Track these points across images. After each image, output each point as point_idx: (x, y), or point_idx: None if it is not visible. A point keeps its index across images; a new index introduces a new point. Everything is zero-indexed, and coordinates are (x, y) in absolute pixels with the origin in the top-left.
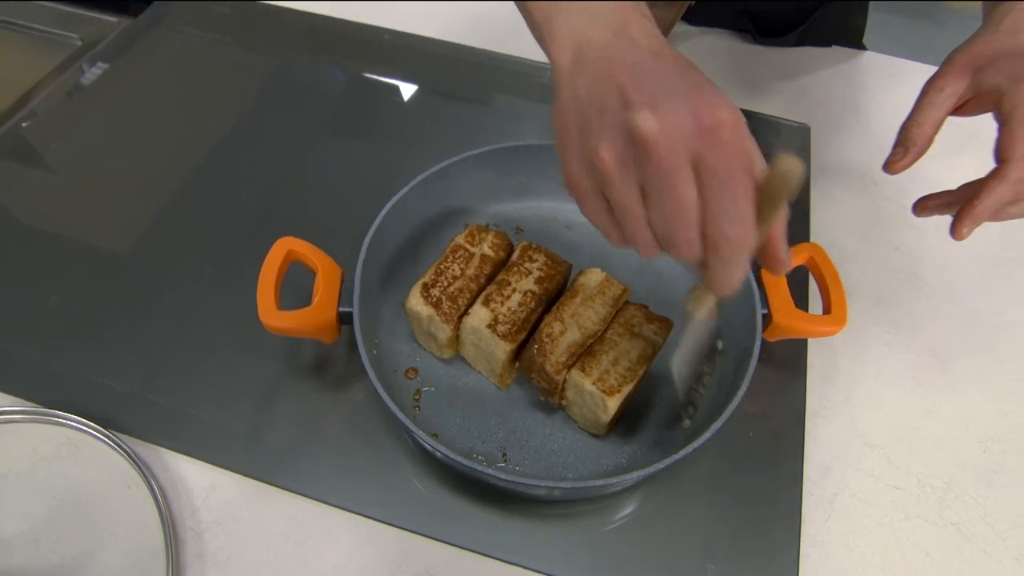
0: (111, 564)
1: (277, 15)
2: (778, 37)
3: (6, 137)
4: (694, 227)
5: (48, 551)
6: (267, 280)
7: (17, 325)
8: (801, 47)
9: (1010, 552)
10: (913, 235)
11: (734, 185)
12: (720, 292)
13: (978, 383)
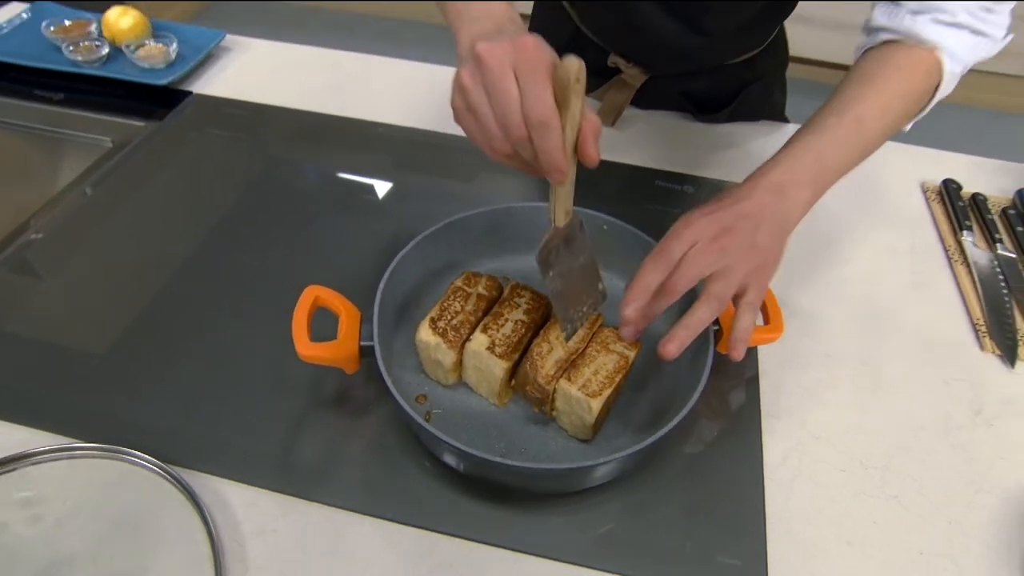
0: (165, 573)
1: (281, 115)
2: (713, 114)
3: (50, 223)
4: (517, 112)
5: (105, 567)
6: (300, 319)
7: (78, 377)
8: (733, 123)
9: (943, 516)
10: (838, 269)
11: (535, 76)
12: (550, 174)
13: (902, 383)
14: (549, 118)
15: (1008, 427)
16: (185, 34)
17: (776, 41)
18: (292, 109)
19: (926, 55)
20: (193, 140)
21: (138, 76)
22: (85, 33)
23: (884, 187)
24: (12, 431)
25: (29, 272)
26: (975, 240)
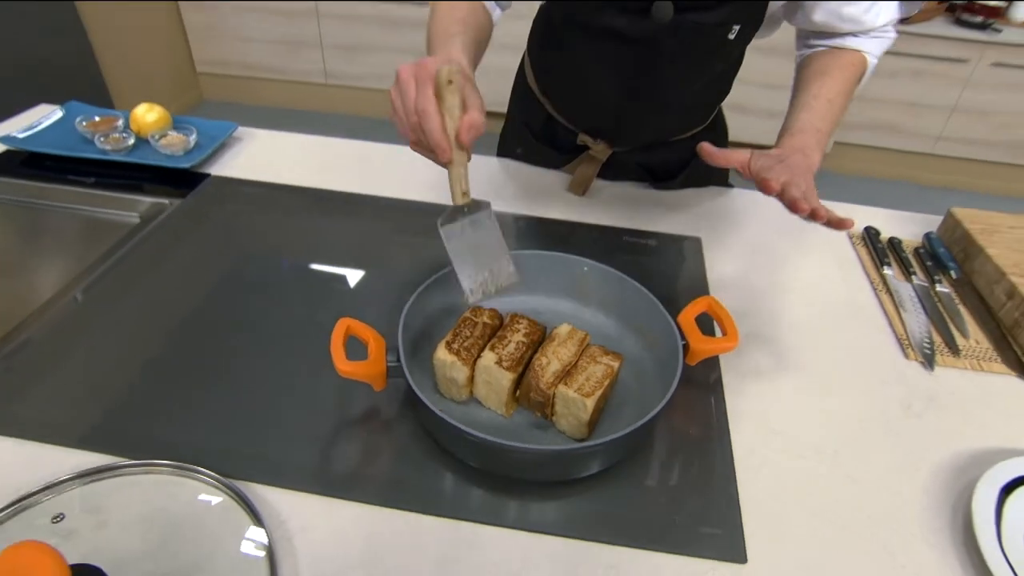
0: (222, 568)
1: (290, 190)
2: (667, 182)
3: (93, 282)
4: (411, 106)
5: (165, 564)
6: (337, 343)
7: (140, 407)
8: (686, 188)
9: (886, 488)
10: (784, 297)
11: (423, 81)
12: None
13: (844, 387)
14: (428, 108)
15: (932, 418)
16: (202, 126)
17: (716, 122)
18: (299, 186)
19: (858, 56)
20: (215, 213)
21: (163, 161)
22: (113, 127)
23: (819, 234)
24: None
25: (80, 322)
26: (894, 274)
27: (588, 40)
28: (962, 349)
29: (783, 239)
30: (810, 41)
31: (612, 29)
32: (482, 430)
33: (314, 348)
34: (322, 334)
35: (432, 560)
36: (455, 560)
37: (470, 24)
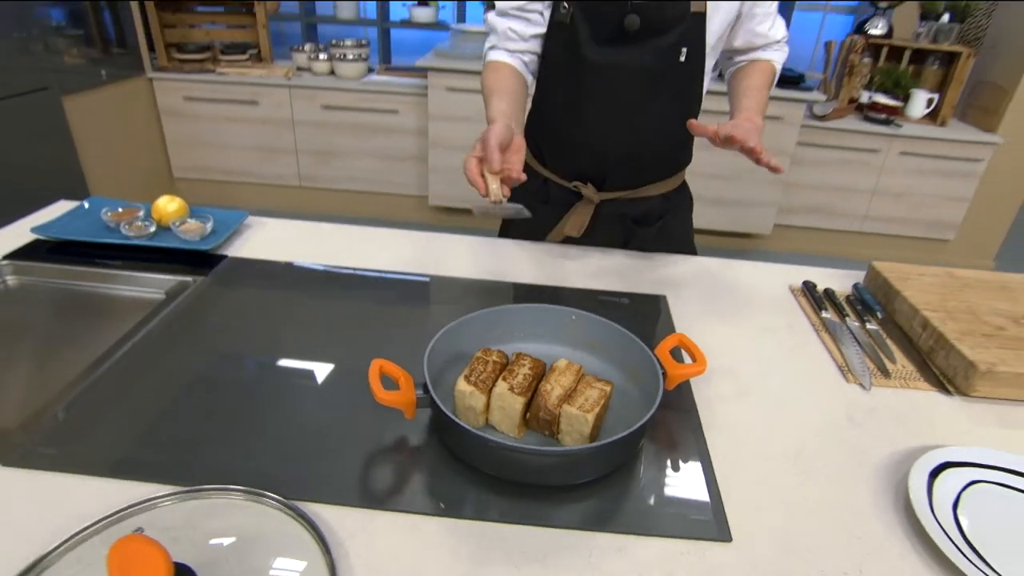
0: (292, 568)
1: (300, 269)
2: (647, 227)
3: (135, 344)
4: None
5: (239, 570)
6: (374, 378)
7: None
8: (656, 254)
9: (839, 481)
10: (743, 337)
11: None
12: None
13: (798, 406)
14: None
15: (872, 426)
16: (216, 215)
17: (682, 189)
18: (306, 264)
19: (768, 63)
20: (236, 286)
21: (185, 244)
22: (135, 216)
23: (766, 289)
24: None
25: (130, 376)
26: (831, 316)
27: (574, 80)
28: (891, 372)
29: (735, 295)
30: (735, 59)
31: (593, 62)
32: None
33: (348, 390)
34: (353, 377)
35: (466, 556)
36: (487, 554)
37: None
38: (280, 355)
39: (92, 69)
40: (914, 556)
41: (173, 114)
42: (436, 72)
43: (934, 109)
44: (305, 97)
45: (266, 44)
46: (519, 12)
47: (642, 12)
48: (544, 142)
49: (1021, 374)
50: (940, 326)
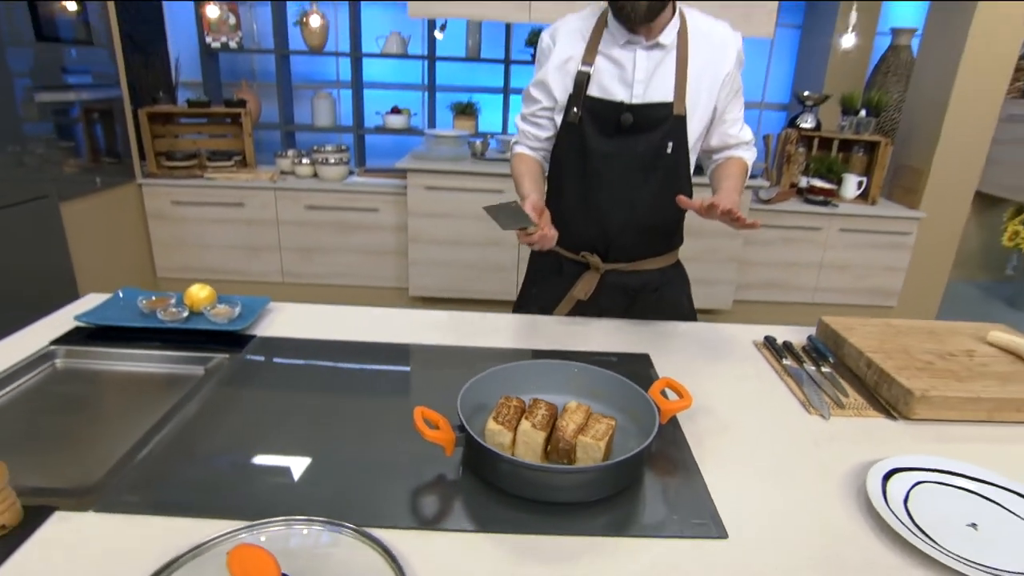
0: None
1: (325, 343)
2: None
3: (190, 411)
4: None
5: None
6: (419, 420)
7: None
8: (638, 321)
9: (808, 488)
10: (714, 387)
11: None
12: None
13: (770, 434)
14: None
15: (834, 447)
16: (243, 300)
17: (677, 266)
18: (326, 339)
19: (741, 161)
20: (268, 360)
21: (218, 327)
22: (168, 304)
23: (735, 345)
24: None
25: (195, 432)
26: (791, 363)
27: (582, 167)
28: (845, 404)
29: (709, 351)
30: (713, 157)
31: (597, 151)
32: None
33: (391, 435)
34: (392, 428)
35: (508, 562)
36: (526, 559)
37: (537, 171)
38: (321, 411)
39: (87, 177)
40: (876, 542)
41: (160, 217)
42: (415, 172)
43: (864, 190)
44: (290, 198)
45: (251, 151)
46: (535, 119)
47: (635, 112)
48: (557, 221)
49: (949, 397)
50: (882, 364)
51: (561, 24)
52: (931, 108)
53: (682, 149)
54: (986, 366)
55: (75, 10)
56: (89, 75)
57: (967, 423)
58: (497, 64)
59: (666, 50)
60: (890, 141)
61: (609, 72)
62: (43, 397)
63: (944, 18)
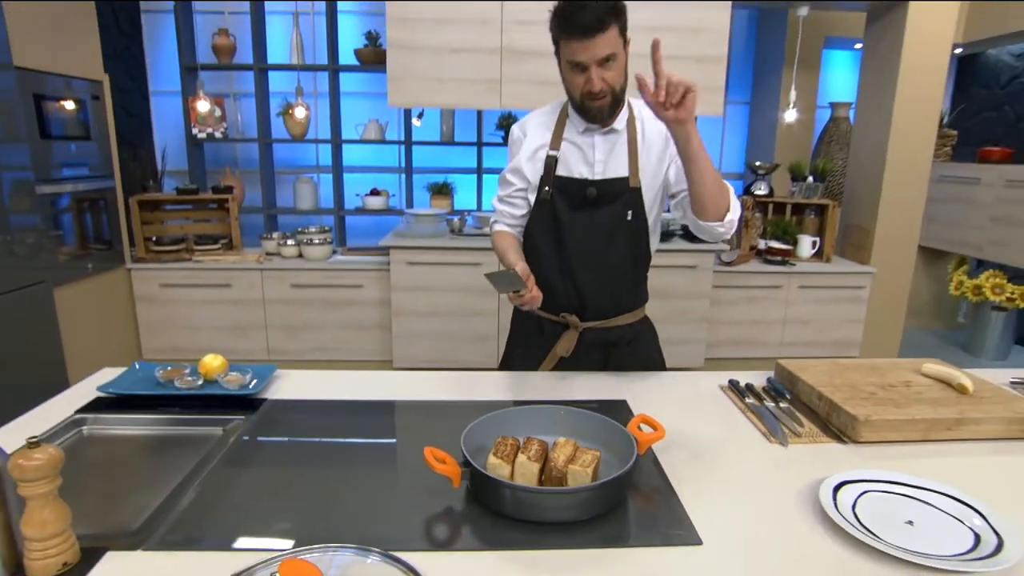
0: None
1: (330, 403)
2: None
3: (220, 460)
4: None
5: None
6: (429, 458)
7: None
8: (616, 372)
9: (774, 502)
10: (686, 425)
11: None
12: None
13: (738, 463)
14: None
15: (792, 469)
16: (253, 368)
17: (645, 320)
18: (336, 400)
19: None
20: (281, 418)
21: (232, 392)
22: (182, 373)
23: (702, 389)
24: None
25: (225, 480)
26: (753, 401)
27: (555, 237)
28: (801, 433)
29: (680, 395)
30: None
31: (567, 222)
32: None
33: (403, 475)
34: (404, 469)
35: (513, 573)
36: (528, 571)
37: (517, 244)
38: (336, 458)
39: (79, 263)
40: (829, 541)
41: (148, 300)
42: (397, 249)
43: (818, 249)
44: (276, 278)
45: (237, 234)
46: (511, 200)
47: (598, 186)
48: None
49: (889, 420)
50: (831, 396)
51: (529, 119)
52: (870, 173)
53: (640, 216)
54: (920, 393)
55: (73, 108)
56: (86, 167)
57: (906, 443)
58: (470, 147)
59: (619, 133)
60: (838, 203)
61: (573, 155)
62: (75, 459)
63: (873, 93)
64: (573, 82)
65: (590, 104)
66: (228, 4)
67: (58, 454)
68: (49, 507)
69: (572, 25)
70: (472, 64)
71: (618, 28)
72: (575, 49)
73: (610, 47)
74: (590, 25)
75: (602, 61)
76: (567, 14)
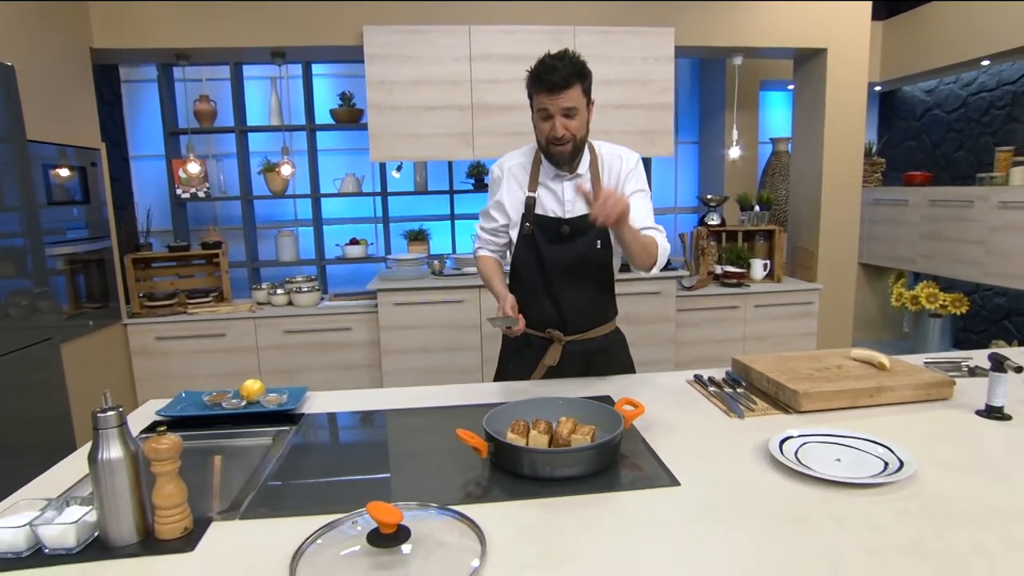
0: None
1: (363, 413)
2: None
3: (276, 464)
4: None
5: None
6: (463, 435)
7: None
8: (598, 377)
9: (734, 455)
10: (660, 411)
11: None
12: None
13: (704, 434)
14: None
15: (748, 434)
16: (287, 390)
17: (617, 331)
18: (365, 410)
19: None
20: (320, 425)
21: (274, 409)
22: (226, 397)
23: (673, 384)
24: None
25: (289, 466)
26: (715, 390)
27: (537, 267)
28: (755, 409)
29: (654, 390)
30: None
31: (546, 254)
32: None
33: (438, 451)
34: (436, 451)
35: (535, 515)
36: (547, 511)
37: (500, 270)
38: (378, 450)
39: (82, 320)
40: (779, 477)
41: (143, 353)
42: (384, 292)
43: (770, 271)
44: (269, 325)
45: (227, 286)
46: (494, 232)
47: (570, 224)
48: (525, 308)
49: (823, 392)
50: (777, 378)
51: (507, 160)
52: (810, 200)
53: (607, 244)
54: (849, 372)
55: (72, 175)
56: (85, 229)
57: (837, 410)
58: (443, 195)
59: (583, 177)
60: (783, 229)
61: (548, 197)
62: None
63: (805, 129)
64: (541, 128)
65: (554, 148)
66: (206, 71)
67: (179, 440)
68: (173, 483)
69: (543, 82)
70: (446, 120)
71: (581, 88)
72: (543, 101)
73: (573, 101)
74: (556, 83)
75: (566, 112)
76: (540, 73)
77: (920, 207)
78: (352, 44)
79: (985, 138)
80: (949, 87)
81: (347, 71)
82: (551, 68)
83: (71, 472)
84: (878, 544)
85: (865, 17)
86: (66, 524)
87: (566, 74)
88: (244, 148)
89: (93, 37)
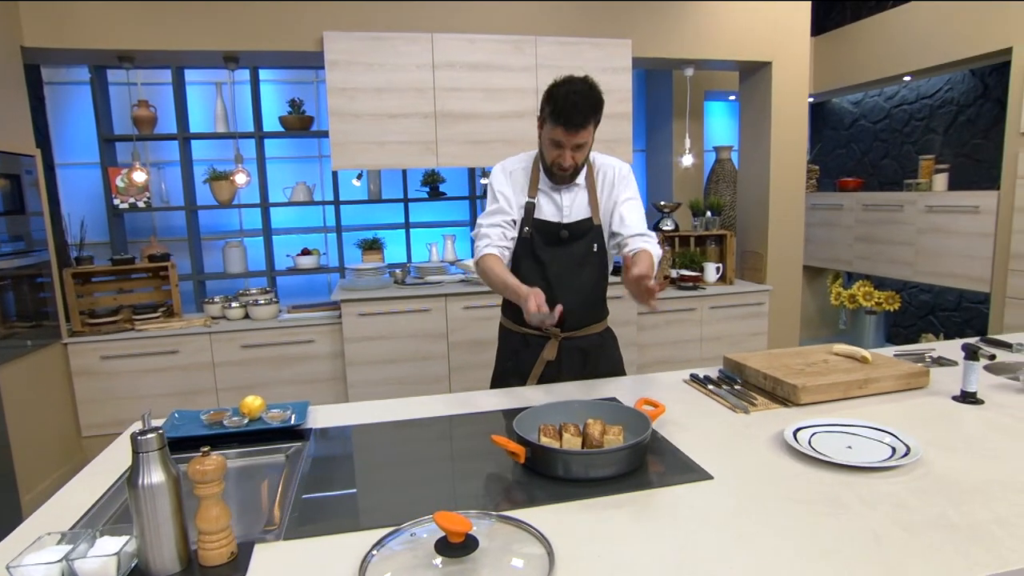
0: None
1: (370, 426)
2: (592, 352)
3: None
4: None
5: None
6: (499, 440)
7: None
8: (600, 379)
9: (749, 447)
10: (668, 406)
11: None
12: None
13: (715, 429)
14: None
15: (755, 429)
16: (291, 405)
17: (609, 330)
18: (376, 422)
19: (646, 250)
20: (336, 437)
21: (279, 425)
22: (226, 415)
23: (671, 383)
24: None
25: (317, 480)
26: (713, 388)
27: (536, 269)
28: (757, 404)
29: (655, 389)
30: (623, 250)
31: (544, 257)
32: None
33: (476, 457)
34: (471, 458)
35: (576, 515)
36: (588, 511)
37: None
38: (403, 462)
39: (20, 341)
40: (799, 466)
41: (86, 374)
42: (348, 302)
43: (722, 274)
44: (225, 340)
45: (178, 300)
46: (505, 224)
47: (568, 228)
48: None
49: (819, 385)
50: (774, 374)
51: (508, 163)
52: (758, 205)
53: (602, 246)
54: (836, 366)
55: (6, 184)
56: (22, 242)
57: (833, 401)
58: (397, 203)
59: (580, 186)
60: (733, 233)
61: (547, 204)
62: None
63: (751, 138)
64: (549, 152)
65: (557, 171)
66: (143, 74)
67: (223, 460)
68: (218, 506)
69: (562, 118)
70: (409, 128)
71: (594, 124)
72: (558, 134)
73: (586, 137)
74: (576, 124)
75: (576, 146)
76: (562, 110)
77: (854, 211)
78: (311, 50)
79: (907, 147)
80: (874, 100)
81: (295, 77)
82: (573, 107)
83: (73, 500)
84: (910, 520)
85: (805, 32)
86: (106, 556)
87: (586, 114)
88: (187, 156)
89: (24, 35)
